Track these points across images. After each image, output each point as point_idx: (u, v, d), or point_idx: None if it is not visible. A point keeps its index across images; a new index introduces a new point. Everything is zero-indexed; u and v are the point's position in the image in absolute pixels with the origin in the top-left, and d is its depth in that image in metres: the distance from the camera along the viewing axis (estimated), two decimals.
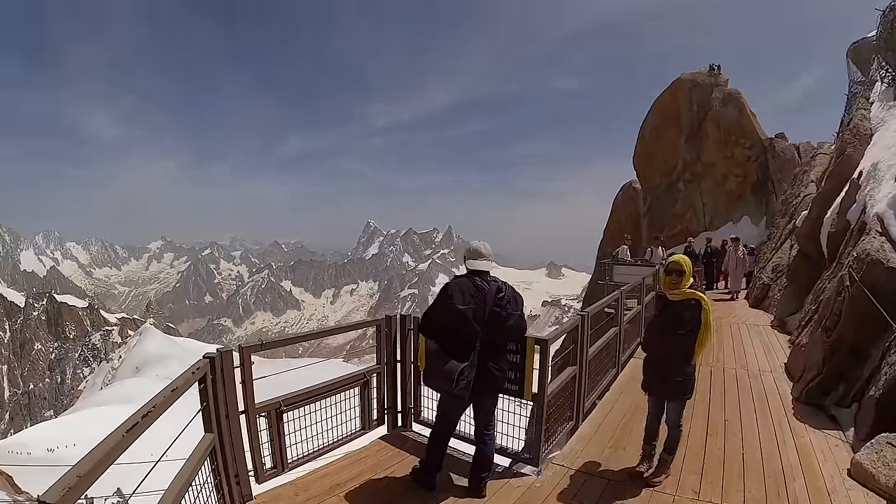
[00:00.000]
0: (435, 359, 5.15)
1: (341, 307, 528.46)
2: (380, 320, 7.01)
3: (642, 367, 6.15)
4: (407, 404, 7.31)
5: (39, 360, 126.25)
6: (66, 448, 41.41)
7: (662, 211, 39.95)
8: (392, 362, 7.13)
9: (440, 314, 5.16)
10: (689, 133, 38.82)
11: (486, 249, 5.53)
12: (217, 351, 4.69)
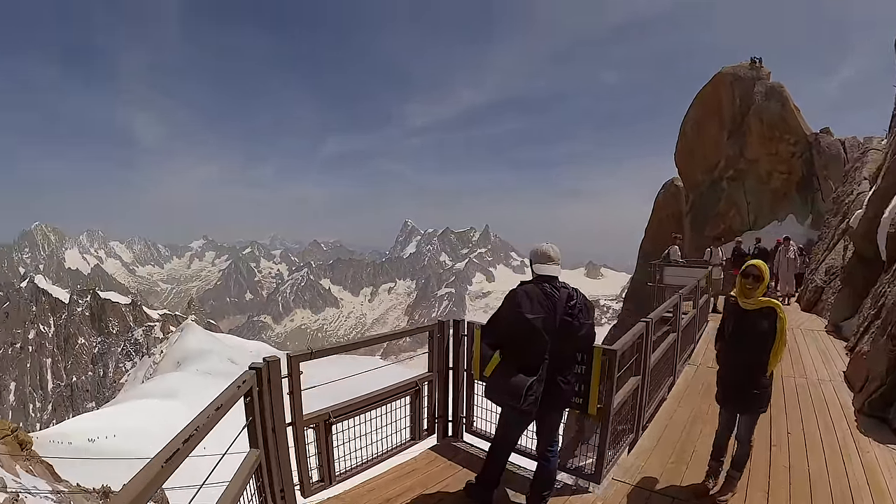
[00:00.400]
0: (500, 372, 4.76)
1: (379, 305, 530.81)
2: (432, 326, 6.65)
3: (717, 380, 5.79)
4: (459, 413, 6.94)
5: (83, 353, 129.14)
6: (106, 439, 42.08)
7: (705, 209, 39.00)
8: (444, 369, 6.76)
9: (507, 323, 4.76)
10: (731, 128, 37.75)
11: (554, 252, 5.12)
12: (264, 360, 4.38)
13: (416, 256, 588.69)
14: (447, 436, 6.96)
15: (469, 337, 6.66)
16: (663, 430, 7.60)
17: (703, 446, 6.68)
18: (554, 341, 4.69)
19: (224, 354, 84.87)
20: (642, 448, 6.91)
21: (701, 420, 7.75)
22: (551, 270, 4.99)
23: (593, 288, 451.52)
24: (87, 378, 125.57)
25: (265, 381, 4.35)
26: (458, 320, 6.79)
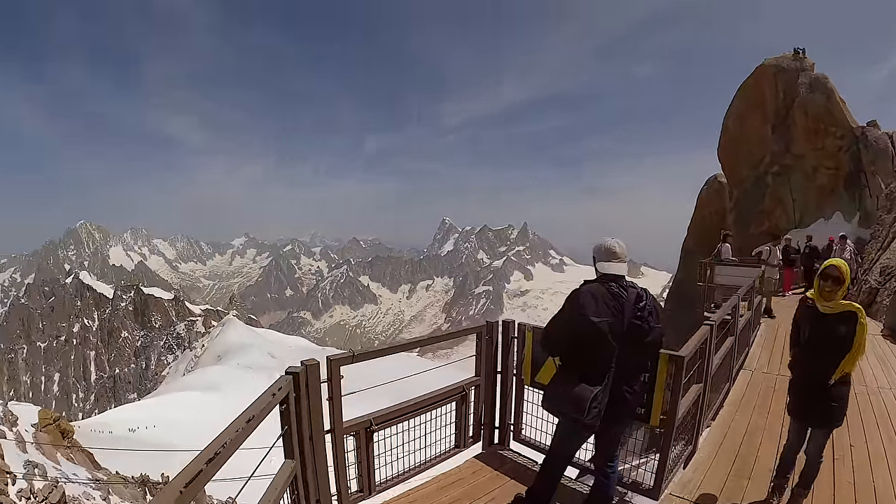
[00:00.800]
0: (559, 380, 4.36)
1: (417, 302, 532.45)
2: (481, 327, 6.22)
3: (788, 389, 5.34)
4: (506, 420, 6.53)
5: (126, 347, 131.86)
6: (146, 429, 42.72)
7: (750, 206, 37.92)
8: (492, 373, 6.36)
9: (569, 327, 4.27)
10: (775, 122, 36.55)
11: (620, 248, 4.60)
12: (302, 364, 4.09)
13: (454, 254, 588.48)
14: (493, 443, 6.57)
15: (520, 339, 6.24)
16: (721, 441, 7.09)
17: (764, 459, 6.29)
18: (621, 347, 4.22)
19: (264, 349, 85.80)
20: (700, 461, 6.45)
21: (760, 430, 7.28)
22: (617, 269, 4.52)
23: None
24: (130, 370, 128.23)
25: (303, 386, 4.04)
26: (507, 321, 6.37)
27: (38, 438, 22.73)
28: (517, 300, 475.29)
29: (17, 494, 15.85)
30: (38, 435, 22.99)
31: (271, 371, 68.29)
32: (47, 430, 24.10)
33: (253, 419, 3.02)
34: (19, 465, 17.89)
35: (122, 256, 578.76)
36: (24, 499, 15.80)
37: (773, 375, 10.02)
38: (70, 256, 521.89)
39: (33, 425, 23.60)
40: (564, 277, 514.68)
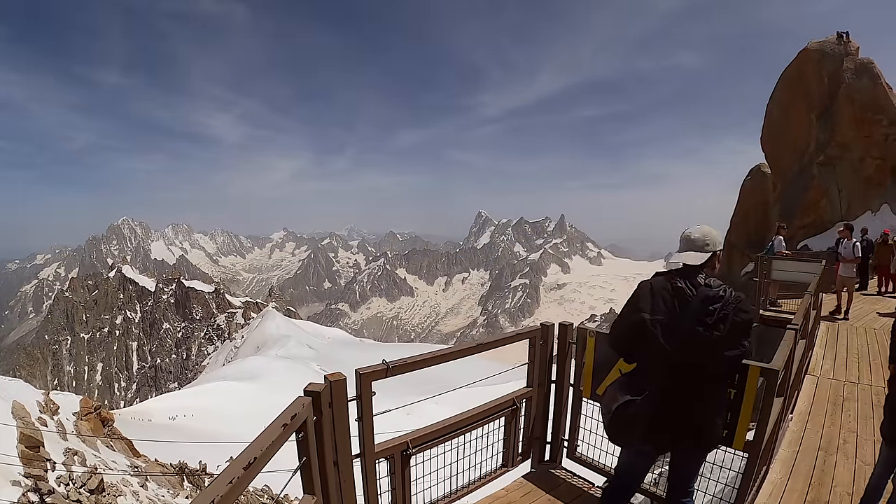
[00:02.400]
0: (608, 389, 3.85)
1: (453, 295, 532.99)
2: (535, 331, 5.48)
3: (885, 408, 4.64)
4: (560, 435, 5.79)
5: (167, 338, 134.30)
6: (185, 417, 43.08)
7: (794, 198, 36.57)
8: (546, 383, 5.64)
9: (623, 326, 3.73)
10: (820, 109, 35.06)
11: (699, 235, 3.73)
12: (325, 381, 3.54)
13: (490, 247, 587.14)
14: (543, 460, 5.85)
15: (579, 345, 5.47)
16: (793, 459, 6.37)
17: (841, 481, 5.65)
18: (680, 353, 3.50)
19: (302, 340, 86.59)
20: (773, 482, 5.75)
21: (834, 447, 6.54)
22: (688, 259, 3.69)
23: None
24: (171, 360, 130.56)
25: (325, 406, 3.46)
26: (565, 324, 5.63)
27: (79, 427, 22.89)
28: (554, 294, 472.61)
29: (57, 481, 15.95)
30: (78, 423, 23.15)
31: (308, 361, 68.78)
32: (88, 418, 24.27)
33: (254, 462, 2.32)
34: (59, 452, 17.97)
35: (164, 251, 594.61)
36: (63, 485, 15.85)
37: (840, 382, 9.17)
38: (112, 251, 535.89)
39: (74, 414, 23.76)
40: (602, 271, 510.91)
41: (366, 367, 4.11)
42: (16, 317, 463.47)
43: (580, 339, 5.46)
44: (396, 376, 4.21)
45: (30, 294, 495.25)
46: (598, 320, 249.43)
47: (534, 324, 5.64)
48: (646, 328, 3.56)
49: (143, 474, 22.52)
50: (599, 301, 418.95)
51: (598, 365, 5.24)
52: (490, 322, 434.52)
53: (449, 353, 4.85)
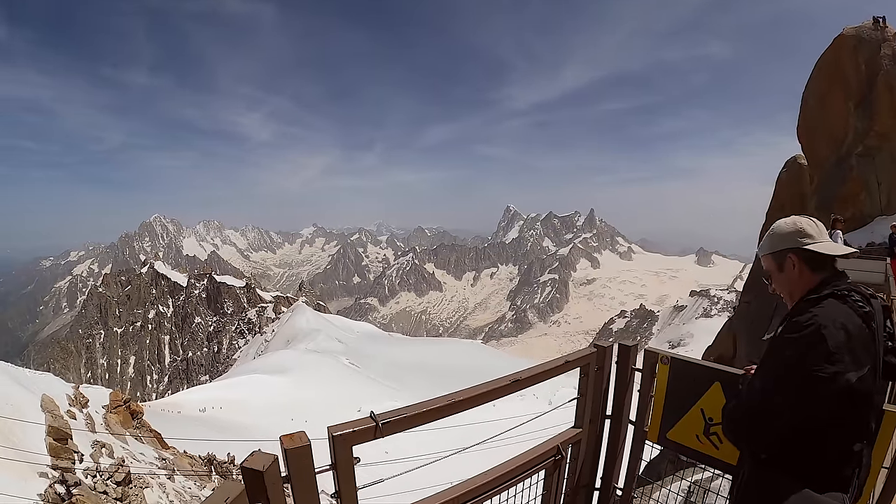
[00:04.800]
0: (758, 482, 2.67)
1: (481, 290, 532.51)
2: (588, 355, 4.29)
3: None
4: (612, 483, 4.71)
5: (199, 332, 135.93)
6: (213, 409, 43.49)
7: (831, 190, 35.58)
8: (599, 420, 4.54)
9: (807, 400, 2.44)
10: (857, 98, 33.95)
11: (816, 229, 2.87)
12: (280, 444, 2.62)
13: (519, 242, 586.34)
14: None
15: (648, 372, 4.39)
16: None
17: None
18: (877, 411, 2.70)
19: (332, 334, 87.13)
20: None
21: None
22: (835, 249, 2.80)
23: (703, 277, 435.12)
24: (202, 354, 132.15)
25: (273, 488, 2.48)
26: (627, 346, 4.47)
27: (108, 419, 23.11)
28: (583, 289, 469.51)
29: (84, 472, 16.08)
30: (107, 416, 23.38)
31: (338, 355, 69.07)
32: (117, 411, 24.50)
33: None
34: (87, 445, 18.10)
35: (196, 247, 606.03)
36: (91, 477, 15.99)
37: None
38: (145, 248, 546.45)
39: (104, 407, 23.99)
40: (632, 266, 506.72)
41: (344, 423, 2.88)
42: (50, 312, 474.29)
43: (648, 365, 4.41)
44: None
45: (64, 290, 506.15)
46: (627, 316, 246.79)
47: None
48: (850, 395, 2.46)
49: (171, 465, 22.71)
50: (629, 297, 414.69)
51: (671, 400, 4.26)
52: (518, 317, 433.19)
53: (467, 398, 3.41)
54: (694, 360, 4.25)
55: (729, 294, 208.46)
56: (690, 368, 4.15)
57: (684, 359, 4.21)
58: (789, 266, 2.84)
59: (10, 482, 13.32)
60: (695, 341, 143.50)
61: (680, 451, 4.18)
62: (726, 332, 36.39)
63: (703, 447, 4.02)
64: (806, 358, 2.43)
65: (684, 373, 4.16)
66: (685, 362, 4.18)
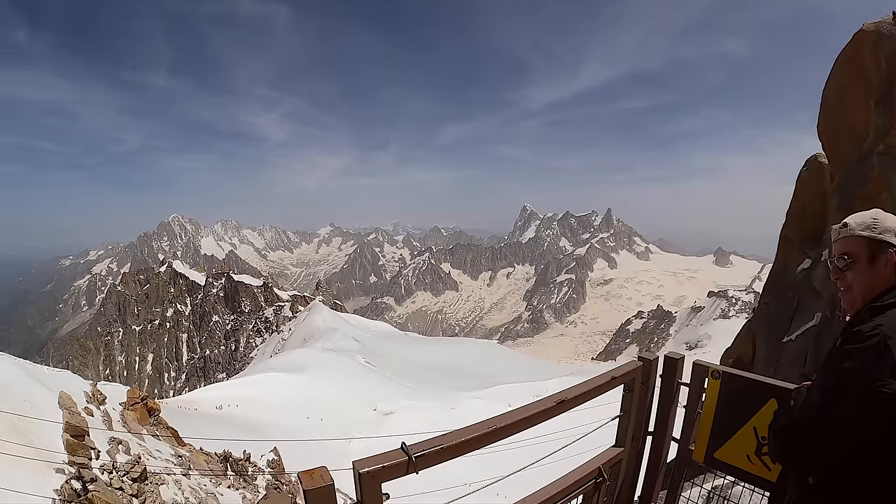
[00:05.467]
0: None
1: (497, 290, 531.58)
2: (634, 370, 4.07)
3: None
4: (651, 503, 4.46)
5: (216, 330, 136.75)
6: (230, 407, 43.69)
7: (852, 190, 34.96)
8: (641, 437, 4.30)
9: (867, 421, 2.26)
10: (878, 95, 33.29)
11: None
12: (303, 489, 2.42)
13: (535, 241, 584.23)
14: None
15: (696, 387, 4.18)
16: None
17: None
18: None
19: (348, 333, 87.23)
20: None
21: None
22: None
23: (721, 277, 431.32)
24: (220, 352, 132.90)
25: None
26: (673, 357, 4.25)
27: (125, 416, 23.26)
28: (600, 289, 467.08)
29: (101, 469, 16.18)
30: (124, 413, 23.52)
31: (354, 354, 69.18)
32: (134, 408, 24.64)
33: None
34: (104, 441, 18.21)
35: (214, 246, 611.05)
36: (106, 473, 16.07)
37: None
38: (163, 247, 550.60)
39: (121, 404, 24.14)
40: (650, 266, 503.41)
41: (372, 458, 2.68)
42: (69, 310, 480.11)
43: (696, 380, 4.20)
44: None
45: (83, 288, 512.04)
46: (644, 317, 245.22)
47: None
48: None
49: (187, 462, 22.81)
50: (647, 297, 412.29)
51: (721, 417, 4.02)
52: (535, 317, 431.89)
53: (509, 423, 3.12)
54: (748, 374, 4.01)
55: (747, 295, 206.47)
56: (744, 383, 3.94)
57: (737, 373, 3.99)
58: (883, 261, 2.61)
59: (27, 478, 13.44)
60: (713, 343, 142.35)
61: (728, 471, 3.99)
62: (745, 333, 35.90)
63: (755, 468, 3.82)
64: (868, 371, 2.27)
65: (737, 388, 3.95)
66: (738, 377, 3.97)
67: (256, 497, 23.02)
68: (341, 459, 2.78)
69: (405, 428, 44.21)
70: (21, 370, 18.03)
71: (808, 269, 27.42)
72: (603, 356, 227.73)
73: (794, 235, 40.20)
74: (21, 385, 17.05)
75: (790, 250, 39.16)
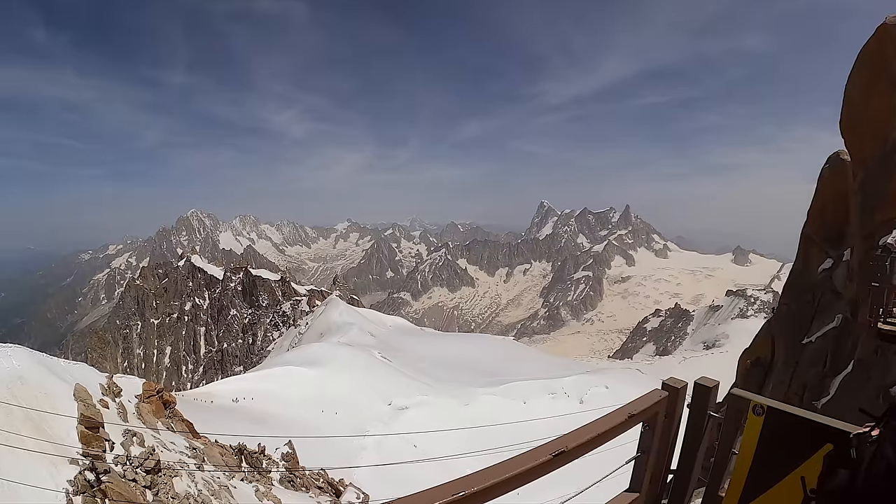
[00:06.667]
0: None
1: (514, 286, 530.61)
2: (657, 402, 3.40)
3: None
4: None
5: (234, 324, 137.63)
6: (246, 400, 44.01)
7: (876, 189, 34.31)
8: (661, 480, 3.56)
9: None
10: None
11: None
12: None
13: (553, 238, 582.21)
14: None
15: (731, 421, 3.45)
16: None
17: None
18: None
19: (364, 328, 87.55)
20: None
21: None
22: None
23: (740, 276, 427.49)
24: (237, 345, 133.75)
25: None
26: (706, 386, 3.52)
27: (140, 409, 23.36)
28: (618, 287, 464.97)
29: (114, 460, 16.29)
30: (140, 406, 23.63)
31: (370, 349, 69.26)
32: (150, 400, 24.76)
33: None
34: (118, 433, 18.28)
35: (232, 241, 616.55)
36: (121, 465, 16.17)
37: None
38: (182, 242, 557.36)
39: (137, 396, 24.26)
40: (668, 264, 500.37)
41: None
42: (88, 303, 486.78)
43: (732, 413, 3.45)
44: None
45: (102, 282, 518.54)
46: (662, 315, 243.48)
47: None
48: None
49: (201, 454, 22.89)
50: (664, 295, 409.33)
51: (761, 461, 3.28)
52: (551, 314, 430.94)
53: (497, 482, 2.53)
54: (799, 411, 3.27)
55: (766, 294, 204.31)
56: (793, 422, 3.22)
57: (786, 410, 3.29)
58: None
59: (42, 469, 13.54)
60: (730, 342, 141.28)
61: None
62: (764, 334, 35.51)
63: None
64: None
65: (784, 427, 3.23)
66: (787, 414, 3.26)
67: (269, 490, 23.06)
68: (356, 453, 2.64)
69: (419, 423, 44.29)
70: (37, 363, 18.15)
71: (829, 269, 27.01)
72: (619, 354, 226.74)
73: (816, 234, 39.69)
74: (37, 377, 17.17)
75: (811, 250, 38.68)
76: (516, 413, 46.63)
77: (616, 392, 57.01)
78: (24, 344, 20.49)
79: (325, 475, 28.25)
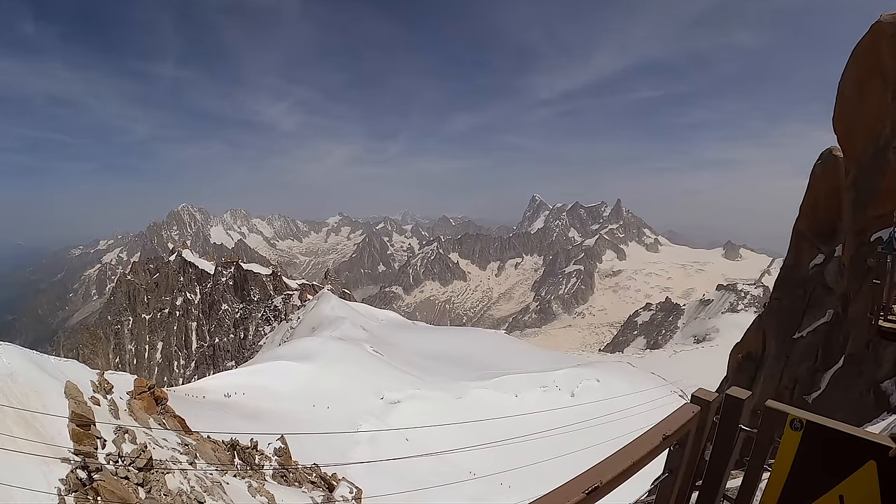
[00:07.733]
0: None
1: (506, 280, 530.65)
2: (689, 420, 3.16)
3: None
4: None
5: (225, 318, 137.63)
6: (237, 395, 44.00)
7: (868, 185, 34.46)
8: (687, 494, 3.35)
9: None
10: (895, 88, 32.78)
11: None
12: None
13: (544, 232, 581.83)
14: None
15: (765, 435, 3.15)
16: None
17: None
18: None
19: (356, 322, 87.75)
20: None
21: None
22: None
23: (730, 271, 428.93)
24: (229, 340, 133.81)
25: None
26: (737, 399, 3.26)
27: (132, 405, 23.26)
28: (609, 280, 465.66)
29: (106, 458, 16.18)
30: (131, 402, 23.52)
31: (362, 343, 69.30)
32: (142, 397, 24.65)
33: None
34: (110, 430, 18.19)
35: (223, 235, 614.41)
36: (112, 462, 16.05)
37: None
38: (173, 236, 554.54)
39: (128, 393, 24.14)
40: (659, 258, 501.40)
41: None
42: (80, 299, 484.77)
43: (767, 427, 3.16)
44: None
45: (93, 278, 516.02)
46: (652, 309, 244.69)
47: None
48: None
49: (193, 450, 22.83)
50: (655, 289, 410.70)
51: (798, 478, 3.02)
52: (543, 308, 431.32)
53: None
54: (841, 426, 2.94)
55: (756, 289, 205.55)
56: (833, 438, 2.93)
57: (827, 425, 2.95)
58: None
59: (33, 468, 13.43)
60: (721, 336, 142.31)
61: None
62: (756, 328, 35.70)
63: None
64: None
65: (823, 443, 2.94)
66: (827, 429, 2.94)
67: (262, 485, 23.03)
68: (349, 448, 2.60)
69: (411, 417, 44.38)
70: (27, 360, 18.01)
71: (820, 264, 27.15)
72: (610, 348, 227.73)
73: (808, 230, 39.89)
74: (27, 375, 17.04)
75: (803, 245, 38.85)
76: (508, 406, 46.80)
77: (607, 385, 57.25)
78: (14, 341, 20.39)
79: (317, 470, 28.24)
